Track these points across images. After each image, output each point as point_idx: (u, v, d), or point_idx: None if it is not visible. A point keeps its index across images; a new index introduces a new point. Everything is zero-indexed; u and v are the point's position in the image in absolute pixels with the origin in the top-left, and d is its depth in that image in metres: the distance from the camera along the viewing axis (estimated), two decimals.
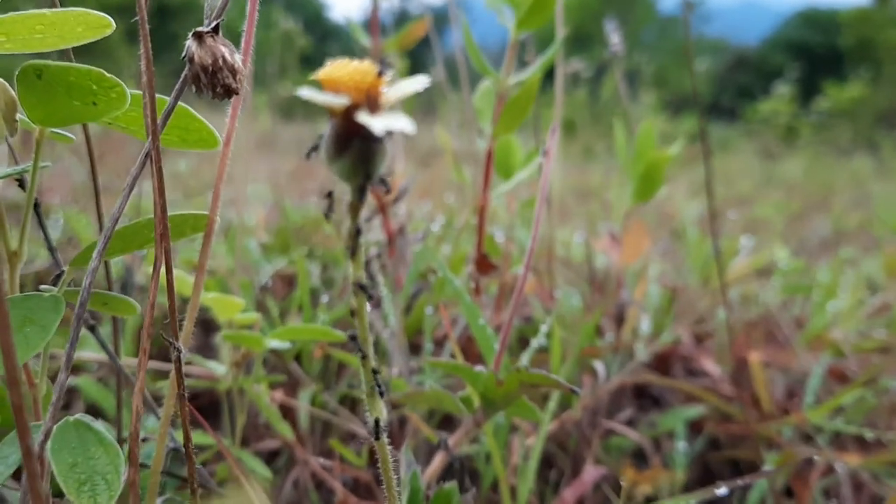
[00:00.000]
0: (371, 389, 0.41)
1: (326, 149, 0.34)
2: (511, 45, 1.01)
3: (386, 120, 0.32)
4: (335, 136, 0.33)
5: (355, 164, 0.33)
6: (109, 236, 0.41)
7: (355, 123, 0.32)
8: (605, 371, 1.08)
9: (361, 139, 0.33)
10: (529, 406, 0.75)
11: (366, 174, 0.34)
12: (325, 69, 0.33)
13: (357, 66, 0.33)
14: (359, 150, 0.33)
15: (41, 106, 0.51)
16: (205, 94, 0.42)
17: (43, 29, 0.50)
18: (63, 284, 0.54)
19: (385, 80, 0.33)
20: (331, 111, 0.33)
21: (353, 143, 0.33)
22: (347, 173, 0.34)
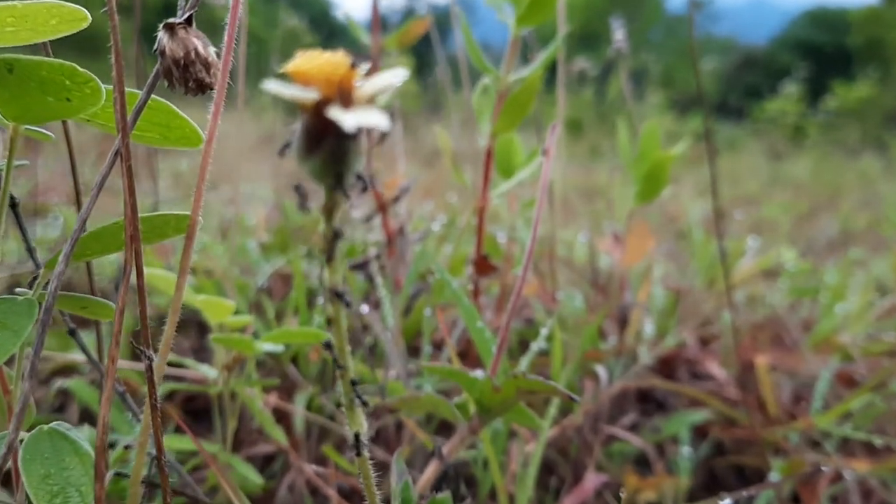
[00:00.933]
0: (350, 402, 0.39)
1: (297, 147, 0.31)
2: (511, 41, 0.99)
3: (359, 116, 0.29)
4: (305, 133, 0.31)
5: (326, 163, 0.31)
6: (76, 239, 0.39)
7: (326, 120, 0.30)
8: (608, 375, 1.05)
9: (333, 136, 0.31)
10: (527, 413, 0.73)
11: (337, 174, 0.31)
12: (294, 61, 0.31)
13: (328, 57, 0.30)
14: (330, 148, 0.31)
15: (14, 102, 0.49)
16: (177, 89, 0.40)
17: (14, 21, 0.48)
18: (38, 287, 0.52)
19: (359, 73, 0.31)
20: (301, 106, 0.31)
21: (325, 141, 0.31)
22: (319, 173, 0.31)
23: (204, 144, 0.55)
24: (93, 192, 0.39)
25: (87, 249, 0.53)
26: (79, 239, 0.52)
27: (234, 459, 0.84)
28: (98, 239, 0.52)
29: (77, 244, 0.52)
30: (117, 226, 0.52)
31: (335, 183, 0.31)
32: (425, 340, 1.08)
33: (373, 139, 1.34)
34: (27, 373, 0.38)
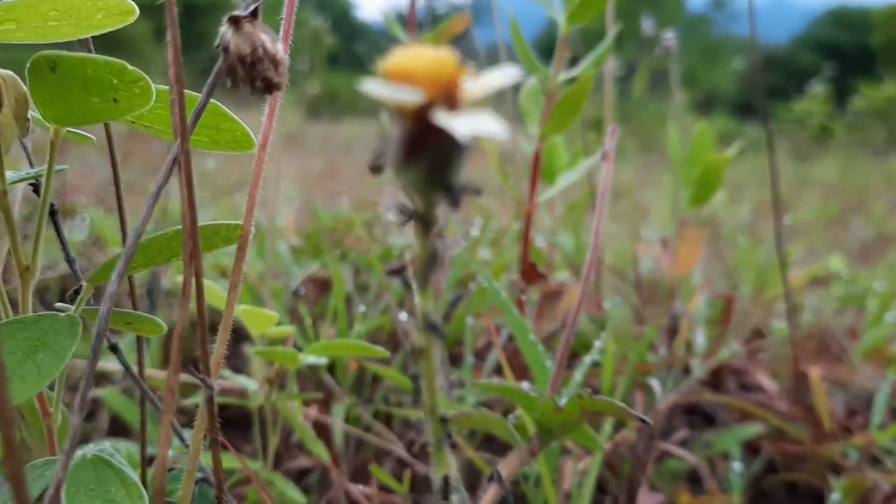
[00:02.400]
0: (439, 441, 0.35)
1: (393, 155, 0.27)
2: (561, 40, 0.94)
3: (470, 121, 0.25)
4: (405, 141, 0.27)
5: (430, 173, 0.27)
6: (131, 254, 0.35)
7: (431, 125, 0.26)
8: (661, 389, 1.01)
9: (438, 143, 0.26)
10: (590, 433, 0.69)
11: (443, 186, 0.27)
12: (394, 58, 0.26)
13: (433, 54, 0.26)
14: (435, 156, 0.27)
15: (56, 102, 0.45)
16: (242, 89, 0.36)
17: (57, 15, 0.45)
18: (81, 303, 0.49)
19: (467, 73, 0.27)
20: (400, 110, 0.27)
21: (428, 149, 0.27)
22: (420, 185, 0.27)
23: (258, 150, 0.51)
24: (148, 204, 0.35)
25: (133, 262, 0.49)
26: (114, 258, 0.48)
27: (275, 476, 0.81)
28: (145, 251, 0.48)
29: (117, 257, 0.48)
30: (165, 237, 0.48)
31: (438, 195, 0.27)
32: (467, 350, 1.04)
33: None
34: (78, 405, 0.34)
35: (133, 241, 0.35)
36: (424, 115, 0.26)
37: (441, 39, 1.27)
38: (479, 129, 0.25)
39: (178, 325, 0.35)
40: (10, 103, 0.45)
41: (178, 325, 0.35)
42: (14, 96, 0.45)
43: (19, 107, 0.46)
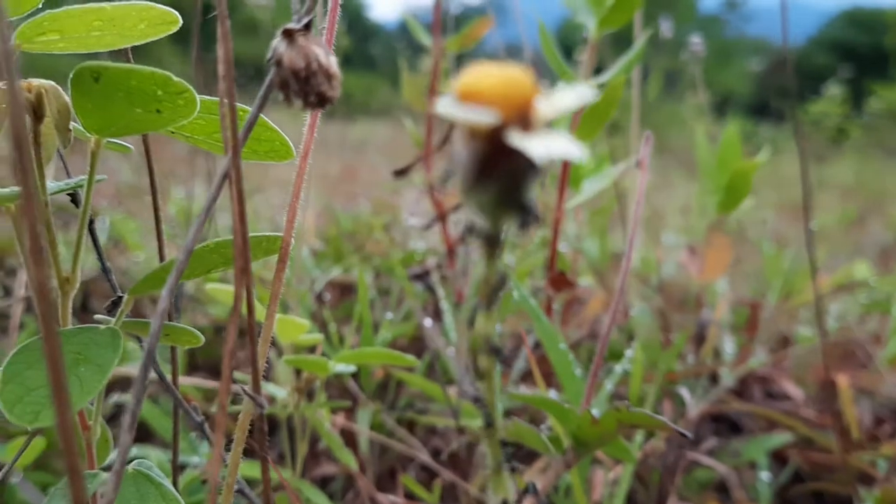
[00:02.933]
0: (498, 465, 0.34)
1: (462, 177, 0.27)
2: (591, 45, 0.94)
3: (546, 142, 0.25)
4: (477, 162, 0.26)
5: (501, 195, 0.26)
6: (182, 270, 0.34)
7: (504, 146, 0.25)
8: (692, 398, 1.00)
9: (511, 165, 0.26)
10: (624, 445, 0.68)
11: (514, 207, 0.27)
12: (466, 77, 0.26)
13: (507, 73, 0.26)
14: (507, 178, 0.26)
15: (98, 113, 0.45)
16: (294, 103, 0.35)
17: (101, 25, 0.44)
18: (121, 315, 0.48)
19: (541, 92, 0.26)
20: (471, 130, 0.26)
21: (500, 170, 0.26)
22: (491, 207, 0.27)
23: (299, 160, 0.51)
24: (199, 218, 0.35)
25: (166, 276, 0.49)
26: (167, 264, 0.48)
27: (304, 484, 0.80)
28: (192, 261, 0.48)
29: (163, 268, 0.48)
30: (207, 249, 0.47)
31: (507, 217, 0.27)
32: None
33: (434, 145, 1.30)
34: (128, 423, 0.34)
35: (185, 256, 0.34)
36: (498, 136, 0.26)
37: (465, 42, 1.26)
38: (556, 150, 0.24)
39: (229, 343, 0.34)
40: (53, 114, 0.45)
41: (228, 342, 0.34)
42: (56, 107, 0.45)
43: (61, 117, 0.45)
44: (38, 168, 0.46)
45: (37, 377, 0.43)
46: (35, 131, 0.45)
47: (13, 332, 0.96)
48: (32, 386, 0.42)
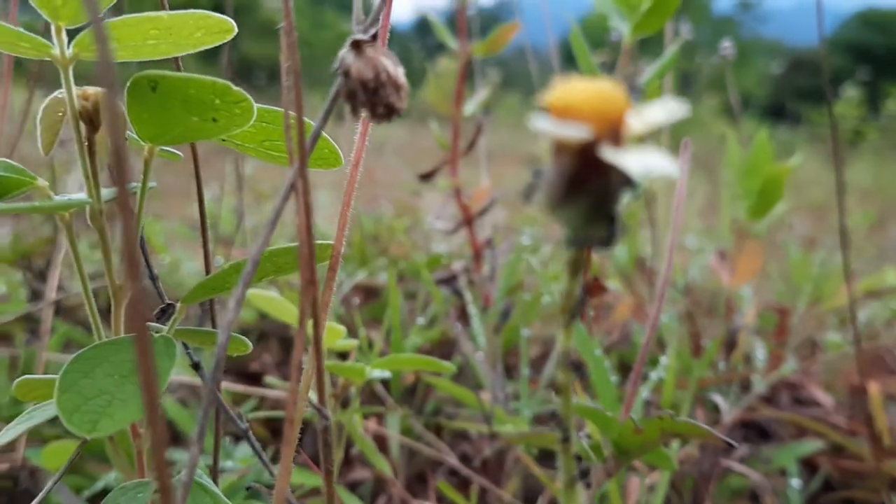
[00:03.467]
0: (571, 479, 0.34)
1: (549, 192, 0.26)
2: (625, 50, 0.93)
3: (642, 159, 0.24)
4: (566, 178, 0.26)
5: (592, 211, 0.26)
6: (249, 281, 0.34)
7: (595, 162, 0.25)
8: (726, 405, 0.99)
9: (601, 181, 0.26)
10: (665, 454, 0.67)
11: (605, 222, 0.26)
12: (557, 91, 0.25)
13: (598, 88, 0.25)
14: (598, 193, 0.26)
15: (153, 121, 0.45)
16: (361, 114, 0.35)
17: (157, 34, 0.44)
18: (174, 323, 0.48)
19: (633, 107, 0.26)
20: (559, 145, 0.26)
21: (590, 186, 0.26)
22: (580, 223, 0.26)
23: (350, 168, 0.50)
24: (266, 231, 0.35)
25: (225, 282, 0.49)
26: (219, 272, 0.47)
27: (340, 489, 0.80)
28: (239, 271, 0.48)
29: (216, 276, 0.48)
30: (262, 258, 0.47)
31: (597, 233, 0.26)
32: (523, 362, 1.02)
33: (460, 149, 1.30)
34: (196, 435, 0.33)
35: (252, 267, 0.34)
36: (589, 152, 0.25)
37: (493, 47, 1.26)
38: (653, 167, 0.24)
39: (297, 356, 0.34)
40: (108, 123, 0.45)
41: (295, 356, 0.34)
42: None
43: None
44: (93, 176, 0.46)
45: (92, 386, 0.43)
46: (90, 140, 0.45)
47: (44, 336, 0.96)
48: (89, 395, 0.42)
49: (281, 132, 0.51)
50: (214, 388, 0.33)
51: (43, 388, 0.54)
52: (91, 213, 0.46)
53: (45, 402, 0.50)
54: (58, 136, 0.45)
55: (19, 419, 0.50)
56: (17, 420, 0.50)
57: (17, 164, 0.46)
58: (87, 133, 0.45)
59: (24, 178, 0.46)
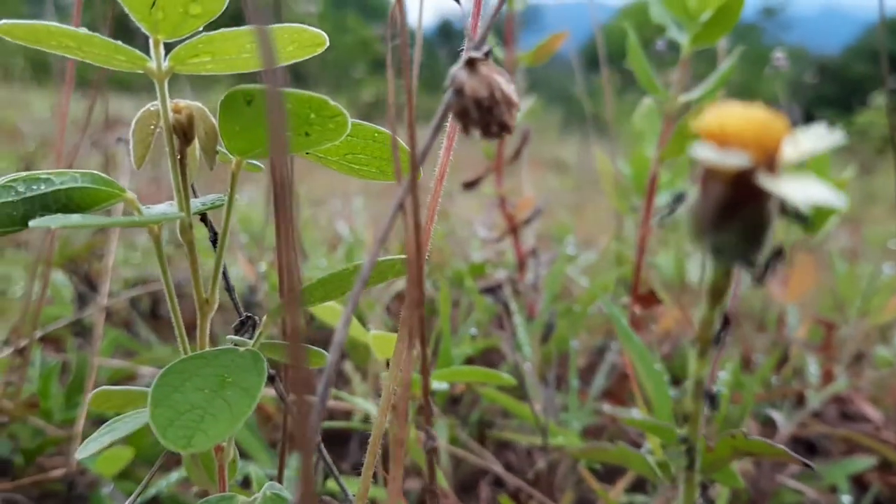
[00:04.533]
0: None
1: (700, 219, 0.26)
2: (682, 61, 0.92)
3: (803, 187, 0.24)
4: (719, 204, 0.25)
5: (744, 239, 0.25)
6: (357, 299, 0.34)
7: (751, 189, 0.25)
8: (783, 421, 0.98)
9: (754, 208, 0.25)
10: (734, 473, 0.66)
11: (758, 251, 0.26)
12: (713, 117, 0.25)
13: (755, 115, 0.25)
14: (752, 221, 0.25)
15: (244, 135, 0.44)
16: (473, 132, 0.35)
17: (252, 48, 0.44)
18: (259, 338, 0.48)
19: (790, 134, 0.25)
20: (711, 171, 0.25)
21: (744, 213, 0.25)
22: (731, 249, 0.26)
23: (434, 182, 0.50)
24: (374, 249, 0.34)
25: (311, 296, 0.48)
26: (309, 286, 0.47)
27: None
28: (325, 285, 0.48)
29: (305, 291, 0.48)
30: (346, 273, 0.47)
31: (750, 260, 0.26)
32: (572, 374, 1.02)
33: (504, 157, 1.29)
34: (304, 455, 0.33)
35: (360, 286, 0.34)
36: (745, 179, 0.25)
37: (540, 56, 1.25)
38: (815, 196, 0.23)
39: (406, 373, 0.34)
40: (200, 136, 0.45)
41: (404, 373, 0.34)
42: (204, 129, 0.45)
43: (209, 139, 0.45)
44: (184, 189, 0.45)
45: (184, 401, 0.42)
46: (182, 153, 0.45)
47: (96, 342, 0.97)
48: (181, 409, 0.42)
49: (364, 145, 0.50)
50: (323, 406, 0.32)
51: (118, 399, 0.54)
52: (181, 226, 0.46)
53: (126, 414, 0.50)
54: (149, 149, 0.45)
55: (100, 431, 0.50)
56: (99, 432, 0.50)
57: (107, 176, 0.46)
58: (180, 146, 0.45)
59: (114, 190, 0.46)
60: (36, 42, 0.43)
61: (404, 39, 0.34)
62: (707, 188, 0.26)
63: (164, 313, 1.42)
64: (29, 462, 0.93)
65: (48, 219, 0.41)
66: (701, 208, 0.26)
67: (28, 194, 0.45)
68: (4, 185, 0.45)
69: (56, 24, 0.41)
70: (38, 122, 3.12)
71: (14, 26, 0.42)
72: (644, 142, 0.96)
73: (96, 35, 0.41)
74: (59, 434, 0.93)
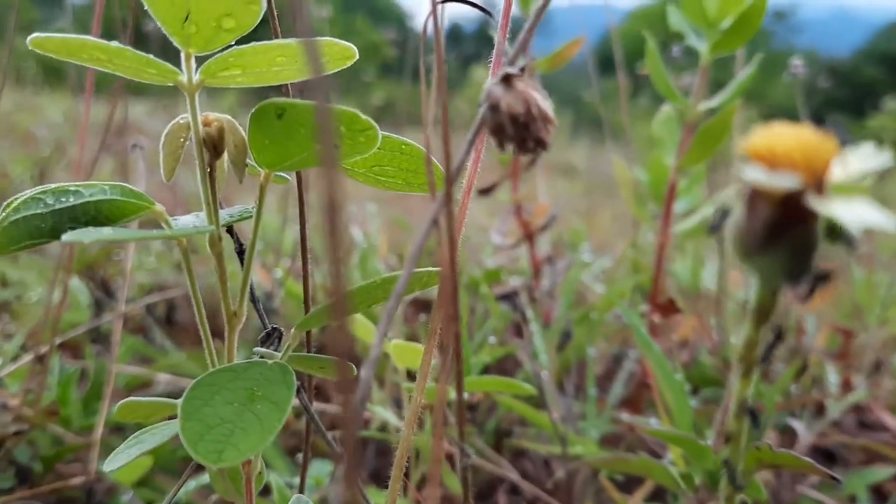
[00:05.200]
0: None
1: (747, 240, 0.26)
2: (702, 68, 0.92)
3: (854, 209, 0.24)
4: (766, 226, 0.25)
5: (792, 259, 0.25)
6: (392, 315, 0.34)
7: (800, 210, 0.24)
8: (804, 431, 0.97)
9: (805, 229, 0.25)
10: (759, 485, 0.66)
11: (805, 272, 0.26)
12: (762, 139, 0.25)
13: (804, 136, 0.25)
14: (799, 241, 0.25)
15: (274, 148, 0.44)
16: (508, 148, 0.35)
17: (284, 61, 0.44)
18: (288, 350, 0.48)
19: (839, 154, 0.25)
20: (758, 192, 0.25)
21: (792, 234, 0.25)
22: (779, 271, 0.26)
23: (462, 195, 0.50)
24: (407, 265, 0.34)
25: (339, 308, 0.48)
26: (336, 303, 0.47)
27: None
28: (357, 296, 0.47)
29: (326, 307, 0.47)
30: (374, 285, 0.47)
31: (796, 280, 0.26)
32: (589, 382, 1.01)
33: (521, 164, 1.29)
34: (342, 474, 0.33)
35: (395, 301, 0.34)
36: (794, 201, 0.25)
37: (556, 62, 1.25)
38: (867, 218, 0.23)
39: (441, 391, 0.34)
40: (230, 149, 0.45)
41: (440, 391, 0.34)
42: (234, 142, 0.45)
43: (238, 152, 0.45)
44: (213, 203, 0.45)
45: (213, 414, 0.42)
46: (212, 166, 0.45)
47: (114, 349, 0.97)
48: (211, 423, 0.42)
49: (392, 157, 0.50)
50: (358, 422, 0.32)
51: (144, 410, 0.54)
52: (210, 239, 0.45)
53: (154, 426, 0.50)
54: (179, 161, 0.45)
55: (128, 443, 0.50)
56: (127, 444, 0.50)
57: (135, 189, 0.46)
58: (209, 159, 0.45)
59: (143, 202, 0.46)
60: (67, 55, 0.43)
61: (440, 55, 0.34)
62: (754, 208, 0.25)
63: (179, 319, 1.42)
64: (47, 469, 0.93)
65: (80, 232, 0.41)
66: (748, 229, 0.26)
67: (57, 206, 0.45)
68: (33, 197, 0.45)
69: (88, 38, 0.41)
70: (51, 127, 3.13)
71: (46, 40, 0.42)
72: (663, 149, 0.96)
73: (128, 49, 0.41)
74: (78, 441, 0.93)
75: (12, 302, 1.42)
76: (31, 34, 0.42)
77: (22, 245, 0.45)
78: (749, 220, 0.26)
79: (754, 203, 0.25)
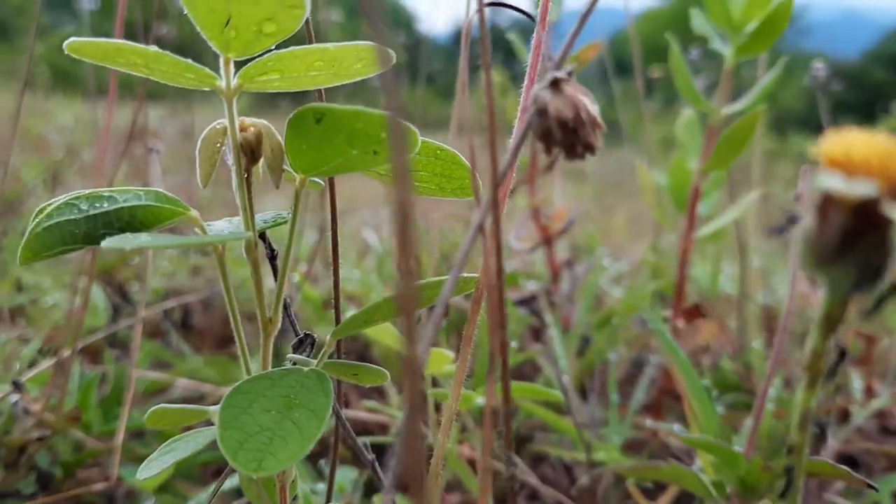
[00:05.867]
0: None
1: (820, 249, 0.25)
2: (726, 72, 0.92)
3: None
4: (840, 234, 0.24)
5: (865, 269, 0.25)
6: (439, 323, 0.33)
7: (874, 218, 0.24)
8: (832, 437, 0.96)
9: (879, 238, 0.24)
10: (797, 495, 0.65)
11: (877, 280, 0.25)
12: (837, 145, 0.24)
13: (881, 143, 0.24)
14: (873, 250, 0.24)
15: (311, 153, 0.44)
16: (556, 153, 0.34)
17: (321, 66, 0.44)
18: (323, 357, 0.48)
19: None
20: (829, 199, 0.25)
21: (866, 243, 0.24)
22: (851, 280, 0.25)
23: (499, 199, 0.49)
24: (454, 272, 0.34)
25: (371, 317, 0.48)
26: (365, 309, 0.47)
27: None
28: (381, 309, 0.47)
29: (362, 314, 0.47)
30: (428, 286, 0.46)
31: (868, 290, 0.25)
32: (611, 388, 1.01)
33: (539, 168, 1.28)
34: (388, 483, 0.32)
35: (442, 308, 0.33)
36: (868, 208, 0.24)
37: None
38: None
39: (488, 401, 0.33)
40: (267, 154, 0.44)
41: (487, 401, 0.33)
42: (270, 146, 0.44)
43: (275, 157, 0.45)
44: (249, 208, 0.45)
45: (252, 422, 0.42)
46: (249, 171, 0.45)
47: (134, 354, 0.96)
48: (250, 431, 0.41)
49: (426, 162, 0.50)
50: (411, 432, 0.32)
51: (173, 417, 0.54)
52: (246, 245, 0.45)
53: (187, 434, 0.50)
54: (215, 167, 0.45)
55: (161, 450, 0.49)
56: (160, 451, 0.49)
57: (170, 194, 0.45)
58: (246, 164, 0.44)
59: (178, 208, 0.45)
60: (104, 60, 0.43)
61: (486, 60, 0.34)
62: (827, 217, 0.25)
63: (196, 323, 1.42)
64: (68, 475, 0.92)
65: (120, 238, 0.40)
66: (821, 237, 0.25)
67: (91, 212, 0.45)
68: (67, 202, 0.45)
69: (125, 42, 0.41)
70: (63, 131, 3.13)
71: (83, 45, 0.41)
72: (685, 153, 0.95)
73: (166, 53, 0.41)
74: (99, 446, 0.93)
75: (28, 306, 1.42)
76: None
77: (56, 251, 0.45)
78: (822, 228, 0.25)
79: (827, 211, 0.25)
